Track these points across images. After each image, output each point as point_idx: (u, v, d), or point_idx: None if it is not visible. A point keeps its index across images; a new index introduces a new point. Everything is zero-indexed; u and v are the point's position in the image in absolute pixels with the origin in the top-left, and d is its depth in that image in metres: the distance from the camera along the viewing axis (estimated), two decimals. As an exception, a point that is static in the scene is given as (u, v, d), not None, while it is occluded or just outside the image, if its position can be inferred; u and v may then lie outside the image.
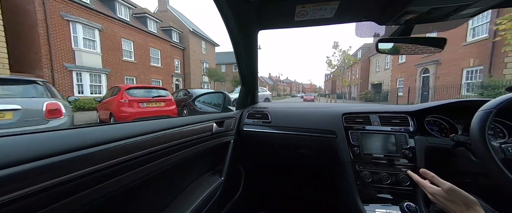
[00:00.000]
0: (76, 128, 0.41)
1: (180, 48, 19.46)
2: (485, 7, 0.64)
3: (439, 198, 0.50)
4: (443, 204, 0.49)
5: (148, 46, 14.99)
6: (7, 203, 0.27)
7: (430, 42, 0.76)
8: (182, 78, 19.79)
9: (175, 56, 19.02)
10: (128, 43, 13.33)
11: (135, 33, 13.73)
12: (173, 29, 18.56)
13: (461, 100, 0.83)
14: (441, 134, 0.84)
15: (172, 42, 18.01)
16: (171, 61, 17.87)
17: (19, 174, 0.28)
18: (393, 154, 0.83)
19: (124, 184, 0.45)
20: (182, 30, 19.77)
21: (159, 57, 16.32)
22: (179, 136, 0.63)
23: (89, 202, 0.38)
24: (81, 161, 0.35)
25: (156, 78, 15.92)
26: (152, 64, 15.45)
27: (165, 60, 16.84)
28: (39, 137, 0.34)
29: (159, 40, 16.19)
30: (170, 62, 17.54)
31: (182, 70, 20.05)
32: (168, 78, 17.34)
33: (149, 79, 15.22)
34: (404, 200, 0.73)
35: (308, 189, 1.33)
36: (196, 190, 0.79)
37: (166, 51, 17.02)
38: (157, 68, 16.06)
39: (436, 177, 0.54)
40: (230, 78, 24.76)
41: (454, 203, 0.47)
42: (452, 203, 0.47)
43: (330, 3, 0.72)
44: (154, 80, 15.80)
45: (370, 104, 1.18)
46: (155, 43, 15.72)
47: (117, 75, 12.48)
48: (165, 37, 16.99)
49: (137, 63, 13.96)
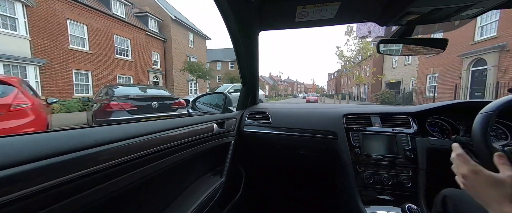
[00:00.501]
0: (78, 129, 0.41)
1: (159, 39, 16.33)
2: (486, 8, 0.64)
3: (484, 181, 0.42)
4: (480, 188, 0.42)
5: (111, 33, 11.88)
6: (8, 204, 0.27)
7: (431, 43, 0.77)
8: (162, 75, 16.66)
9: (153, 49, 15.90)
10: (78, 27, 10.23)
11: (90, 14, 10.63)
12: (149, 16, 15.44)
13: (462, 102, 0.85)
14: (443, 136, 0.84)
15: (148, 31, 14.89)
16: (146, 54, 14.75)
17: (20, 174, 0.28)
18: (394, 155, 0.83)
19: (125, 185, 0.45)
20: (162, 18, 16.64)
21: (129, 48, 13.21)
22: (180, 137, 0.64)
23: (90, 203, 0.38)
24: (82, 162, 0.36)
25: (124, 73, 12.80)
26: (117, 56, 12.33)
27: (137, 52, 13.73)
28: (40, 138, 0.34)
29: (129, 27, 13.07)
30: (145, 55, 14.41)
31: (163, 65, 16.93)
32: (143, 74, 14.22)
33: (114, 75, 12.10)
34: (405, 201, 0.75)
35: (309, 190, 1.34)
36: (196, 190, 0.79)
37: (139, 41, 13.90)
38: (126, 62, 12.94)
39: (508, 163, 0.43)
40: (221, 75, 21.04)
41: (498, 191, 0.40)
42: (497, 190, 0.40)
43: (330, 4, 0.72)
44: (121, 76, 12.67)
45: (371, 105, 1.17)
46: (122, 30, 12.61)
47: (60, 67, 9.38)
48: (138, 24, 13.87)
49: (93, 53, 10.84)
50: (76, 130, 0.41)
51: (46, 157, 0.31)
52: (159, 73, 16.24)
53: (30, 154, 0.30)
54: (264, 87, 47.65)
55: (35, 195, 0.29)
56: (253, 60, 1.09)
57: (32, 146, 0.32)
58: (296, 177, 1.33)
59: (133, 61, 13.39)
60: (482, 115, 0.53)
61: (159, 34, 16.31)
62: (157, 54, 16.39)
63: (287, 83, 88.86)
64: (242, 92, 1.26)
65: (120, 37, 12.50)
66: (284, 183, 1.37)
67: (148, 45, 15.08)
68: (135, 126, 0.51)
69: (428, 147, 0.79)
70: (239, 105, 1.26)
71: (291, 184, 1.36)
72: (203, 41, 21.84)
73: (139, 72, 13.92)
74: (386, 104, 14.78)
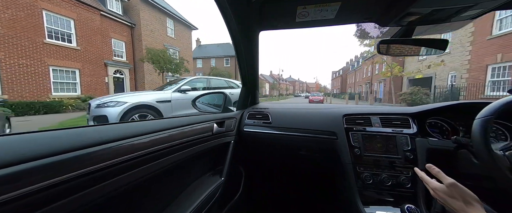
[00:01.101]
0: (76, 128, 0.41)
1: (124, 23, 12.83)
2: (487, 9, 0.64)
3: (440, 193, 0.50)
4: (443, 199, 0.50)
5: (37, 6, 8.41)
6: (8, 202, 0.27)
7: (432, 43, 0.76)
8: (130, 69, 13.17)
9: (115, 35, 12.41)
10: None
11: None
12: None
13: (462, 102, 0.84)
14: (443, 136, 0.84)
15: (105, 12, 11.41)
16: (102, 40, 11.26)
17: (18, 173, 0.28)
18: (394, 156, 0.83)
19: (124, 184, 0.45)
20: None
21: (73, 31, 9.74)
22: (180, 136, 0.63)
23: (90, 202, 0.38)
24: (80, 161, 0.35)
25: (63, 66, 9.34)
26: (49, 40, 8.86)
27: (87, 38, 10.26)
28: (38, 137, 0.34)
29: (71, 2, 9.59)
30: (99, 42, 10.92)
31: (131, 58, 13.43)
32: (96, 67, 10.74)
33: (44, 66, 8.64)
34: (405, 202, 0.74)
35: (308, 190, 1.33)
36: (196, 190, 0.78)
37: (90, 24, 10.42)
38: (67, 49, 9.47)
39: (441, 172, 0.53)
40: (206, 71, 16.63)
41: (454, 199, 0.47)
42: (452, 198, 0.48)
43: (331, 4, 0.71)
44: (57, 68, 9.20)
45: (370, 106, 1.16)
46: (59, 5, 9.14)
47: None
48: (88, 2, 10.37)
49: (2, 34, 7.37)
50: (76, 129, 0.40)
51: (45, 156, 0.31)
52: (124, 67, 12.75)
53: (29, 152, 0.30)
54: (263, 86, 44.02)
55: (34, 194, 0.29)
56: (253, 60, 1.10)
57: (31, 145, 0.32)
58: (295, 177, 1.34)
59: (80, 49, 9.92)
60: (480, 120, 0.54)
61: (124, 18, 12.81)
62: (122, 42, 12.91)
63: (289, 82, 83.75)
64: (242, 92, 1.27)
65: (54, 14, 9.03)
66: (284, 183, 1.37)
67: (104, 29, 11.59)
68: (135, 125, 0.52)
69: (428, 147, 0.79)
70: (239, 104, 1.26)
71: (291, 184, 1.36)
72: (188, 32, 18.29)
73: (91, 64, 10.44)
74: (418, 106, 10.96)
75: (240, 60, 1.05)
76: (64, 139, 0.36)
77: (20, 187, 0.28)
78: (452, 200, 0.47)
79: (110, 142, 0.41)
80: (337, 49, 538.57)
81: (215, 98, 1.29)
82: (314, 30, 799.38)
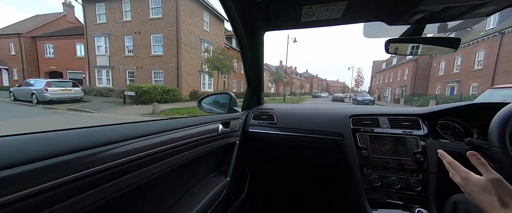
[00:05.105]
0: (82, 128, 0.41)
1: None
2: (501, 6, 0.63)
3: (473, 186, 0.45)
4: (474, 193, 0.45)
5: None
6: (16, 201, 0.27)
7: (443, 42, 0.75)
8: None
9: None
10: None
11: None
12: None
13: (477, 103, 0.82)
14: (455, 138, 0.82)
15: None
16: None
17: (22, 174, 0.28)
18: (403, 158, 0.82)
19: (129, 184, 0.45)
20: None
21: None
22: (185, 137, 0.63)
23: (96, 202, 0.38)
24: (86, 161, 0.36)
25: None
26: None
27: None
28: (46, 137, 0.35)
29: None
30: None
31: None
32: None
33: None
34: (415, 205, 0.73)
35: (314, 192, 1.32)
36: (201, 190, 0.78)
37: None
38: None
39: (486, 164, 0.45)
40: None
41: (489, 194, 0.42)
42: (486, 194, 0.42)
43: (337, 4, 0.71)
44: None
45: (378, 107, 1.13)
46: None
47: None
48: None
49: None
50: (84, 129, 0.41)
51: (53, 156, 0.32)
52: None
53: (38, 152, 0.31)
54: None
55: (39, 194, 0.29)
56: (258, 61, 1.09)
57: (39, 144, 0.32)
58: (301, 178, 1.33)
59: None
60: (499, 121, 0.51)
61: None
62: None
63: (305, 78, 69.81)
64: (247, 93, 1.27)
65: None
66: (289, 184, 1.37)
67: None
68: (142, 126, 0.52)
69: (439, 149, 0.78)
70: (244, 105, 1.27)
71: (296, 185, 1.36)
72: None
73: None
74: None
75: (245, 60, 1.07)
76: (70, 140, 0.36)
77: (28, 186, 0.28)
78: (485, 195, 0.42)
79: (118, 142, 0.42)
80: (355, 43, 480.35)
81: (221, 98, 1.29)
82: (321, 29, 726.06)
